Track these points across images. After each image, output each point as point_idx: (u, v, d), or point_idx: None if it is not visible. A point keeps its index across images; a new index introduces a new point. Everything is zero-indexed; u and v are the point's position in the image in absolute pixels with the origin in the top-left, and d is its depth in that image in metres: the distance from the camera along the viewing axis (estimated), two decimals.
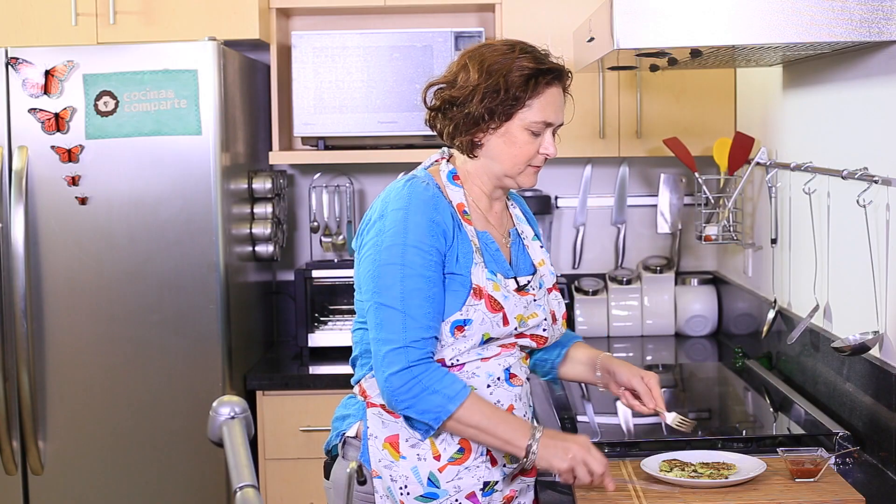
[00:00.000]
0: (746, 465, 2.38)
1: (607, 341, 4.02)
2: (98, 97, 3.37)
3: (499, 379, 2.26)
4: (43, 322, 3.42)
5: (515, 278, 2.30)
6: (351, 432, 2.30)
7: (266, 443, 3.58)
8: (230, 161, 3.50)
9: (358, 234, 2.30)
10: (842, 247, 2.77)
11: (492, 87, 2.21)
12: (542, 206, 3.98)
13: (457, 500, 2.23)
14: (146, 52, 3.38)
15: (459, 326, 2.21)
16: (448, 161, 2.35)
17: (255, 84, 3.87)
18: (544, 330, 2.32)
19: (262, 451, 3.59)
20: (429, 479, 2.22)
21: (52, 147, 3.39)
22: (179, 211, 3.40)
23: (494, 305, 2.22)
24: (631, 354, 3.86)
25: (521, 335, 2.29)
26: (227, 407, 1.71)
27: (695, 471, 2.35)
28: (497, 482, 2.26)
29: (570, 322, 4.00)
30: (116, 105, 3.37)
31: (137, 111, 3.37)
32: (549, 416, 2.85)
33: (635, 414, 3.08)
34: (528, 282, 2.32)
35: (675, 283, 4.08)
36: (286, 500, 3.59)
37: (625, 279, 4.08)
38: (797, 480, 2.32)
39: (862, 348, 2.53)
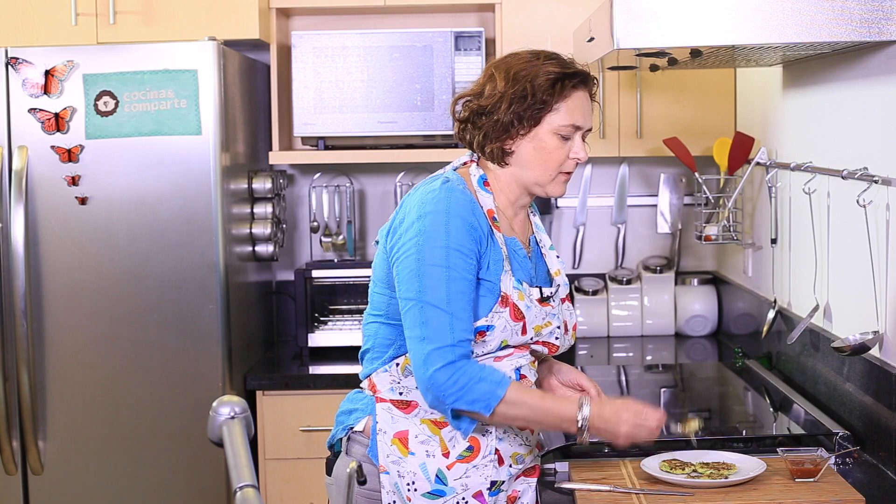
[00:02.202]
0: (746, 465, 2.38)
1: (607, 341, 4.02)
2: (98, 97, 3.37)
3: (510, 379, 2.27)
4: (43, 322, 3.42)
5: (540, 288, 2.31)
6: (359, 427, 2.30)
7: (266, 443, 3.58)
8: (230, 161, 3.50)
9: (390, 231, 2.29)
10: (842, 247, 2.77)
11: (518, 93, 2.23)
12: (542, 206, 3.98)
13: (464, 499, 2.23)
14: (146, 52, 3.38)
15: (482, 332, 2.22)
16: (477, 165, 2.35)
17: (255, 84, 3.87)
18: (556, 338, 2.33)
19: (262, 451, 3.59)
20: (437, 476, 2.22)
21: (52, 147, 3.39)
22: (179, 211, 3.40)
23: (517, 314, 2.23)
24: (631, 354, 3.86)
25: (535, 342, 2.30)
26: (227, 407, 1.71)
27: (695, 471, 2.35)
28: (503, 482, 2.27)
29: None
30: (116, 105, 3.37)
31: (137, 111, 3.37)
32: None
33: None
34: (552, 294, 2.33)
35: (675, 283, 4.08)
36: (286, 500, 3.59)
37: (625, 279, 4.08)
38: (797, 480, 2.32)
39: (862, 348, 2.53)
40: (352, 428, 2.31)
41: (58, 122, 3.38)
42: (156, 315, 3.42)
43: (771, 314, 3.27)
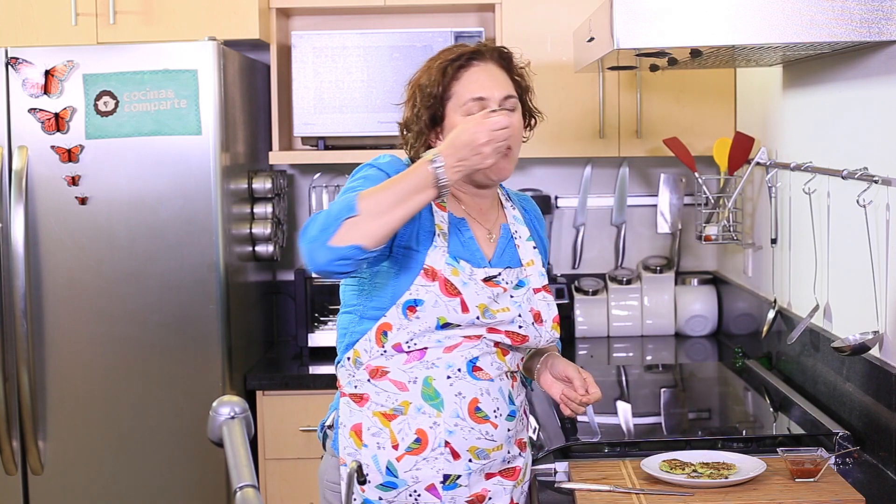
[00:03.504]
0: (746, 465, 2.38)
1: (607, 341, 4.02)
2: (98, 97, 3.37)
3: (460, 370, 2.24)
4: (43, 322, 3.42)
5: (486, 268, 2.30)
6: (329, 422, 2.36)
7: (266, 443, 3.58)
8: (230, 161, 3.51)
9: None
10: (842, 247, 2.77)
11: (411, 98, 2.33)
12: (542, 206, 3.97)
13: (416, 492, 2.23)
14: (146, 52, 3.38)
15: (411, 307, 2.22)
16: None
17: (255, 84, 3.87)
18: (520, 327, 2.29)
19: (262, 451, 3.59)
20: (387, 468, 2.23)
21: (52, 147, 3.39)
22: (179, 211, 3.40)
23: (450, 290, 2.22)
24: (631, 354, 3.86)
25: (493, 330, 2.27)
26: (227, 407, 1.71)
27: (695, 471, 2.35)
28: (460, 476, 2.25)
29: (571, 322, 4.00)
30: (116, 105, 3.37)
31: (137, 111, 3.37)
32: (549, 417, 2.86)
33: (635, 414, 3.10)
34: (499, 273, 2.30)
35: (675, 283, 4.08)
36: (286, 500, 3.59)
37: (625, 279, 4.08)
38: (797, 480, 2.32)
39: (862, 348, 2.53)
40: (325, 424, 2.37)
41: (58, 122, 3.38)
42: (156, 315, 3.42)
43: (771, 314, 3.27)
